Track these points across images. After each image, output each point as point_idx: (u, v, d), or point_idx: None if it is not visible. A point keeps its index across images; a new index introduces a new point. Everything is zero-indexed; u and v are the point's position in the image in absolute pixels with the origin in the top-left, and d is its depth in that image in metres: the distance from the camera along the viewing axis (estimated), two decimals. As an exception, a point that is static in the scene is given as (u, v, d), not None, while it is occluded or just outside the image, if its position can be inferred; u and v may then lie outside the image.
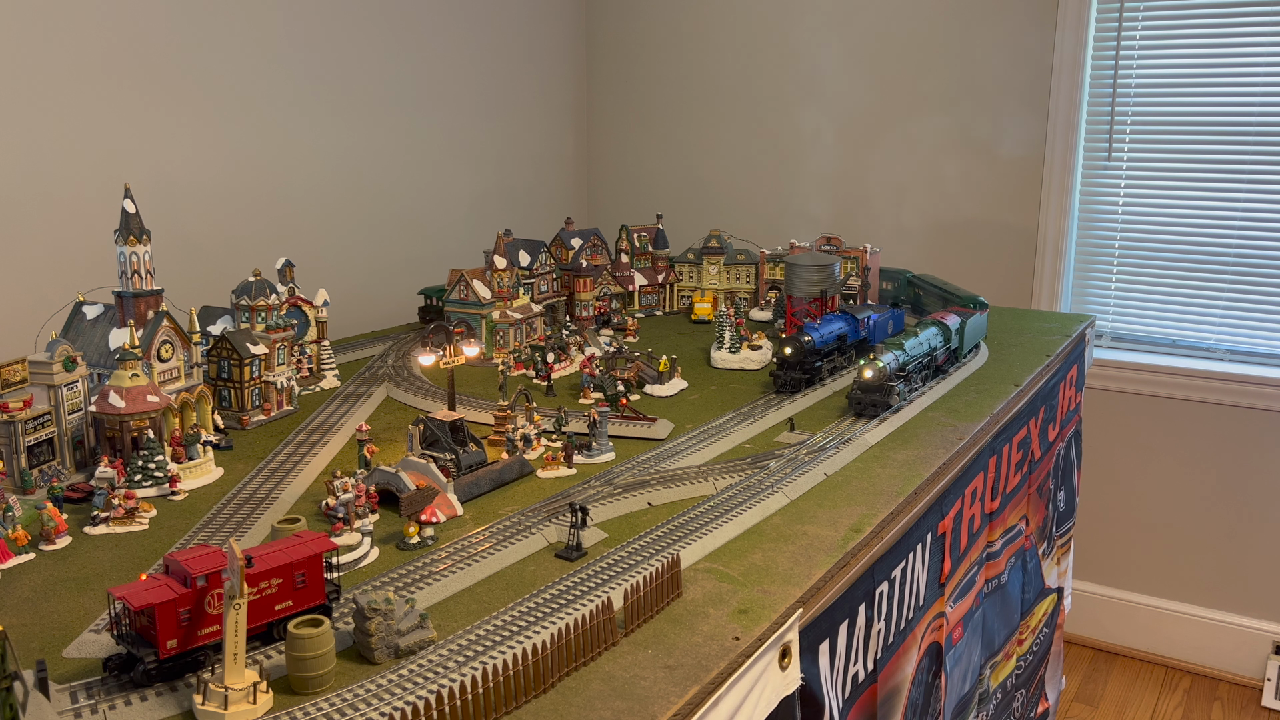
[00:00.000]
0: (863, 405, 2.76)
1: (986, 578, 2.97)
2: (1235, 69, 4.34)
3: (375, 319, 4.25)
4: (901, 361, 2.82)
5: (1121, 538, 4.86)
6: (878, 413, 2.74)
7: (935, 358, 3.05)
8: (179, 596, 1.46)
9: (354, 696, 1.46)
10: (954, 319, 3.19)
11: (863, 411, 2.76)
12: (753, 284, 4.21)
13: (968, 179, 4.87)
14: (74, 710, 1.41)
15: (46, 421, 2.26)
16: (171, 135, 3.64)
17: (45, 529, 1.98)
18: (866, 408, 2.75)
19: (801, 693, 1.81)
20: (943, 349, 3.10)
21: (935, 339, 3.04)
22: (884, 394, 2.73)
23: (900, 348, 2.83)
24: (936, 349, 3.05)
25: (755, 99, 5.32)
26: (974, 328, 3.35)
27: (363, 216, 4.45)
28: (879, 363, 2.74)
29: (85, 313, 2.62)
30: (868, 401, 2.75)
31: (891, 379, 2.76)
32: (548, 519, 2.07)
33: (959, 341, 3.21)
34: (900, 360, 2.82)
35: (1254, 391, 4.44)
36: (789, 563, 1.91)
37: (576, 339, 3.45)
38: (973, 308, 3.45)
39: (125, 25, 3.46)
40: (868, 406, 2.75)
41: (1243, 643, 4.66)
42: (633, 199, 5.77)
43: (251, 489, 2.26)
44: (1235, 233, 4.46)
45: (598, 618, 1.58)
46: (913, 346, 2.89)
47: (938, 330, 3.08)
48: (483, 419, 2.72)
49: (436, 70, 4.72)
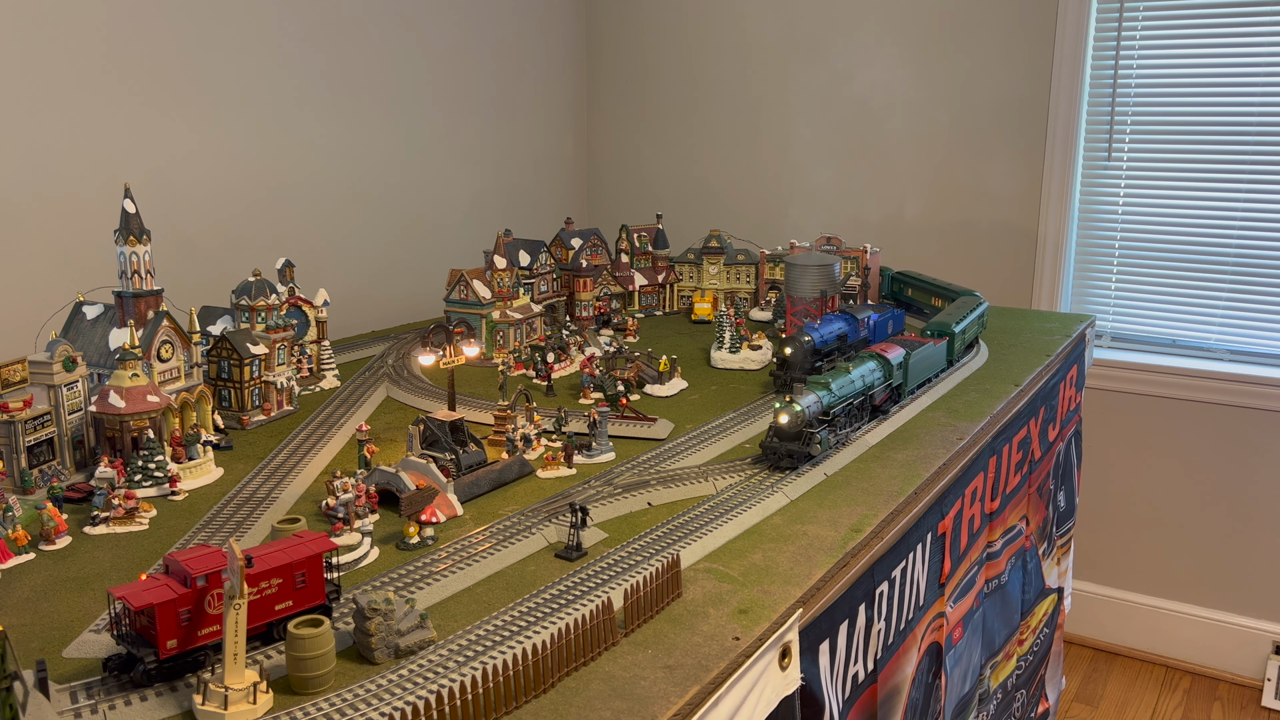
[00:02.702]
0: (777, 456, 2.35)
1: (987, 578, 2.97)
2: (1235, 69, 4.34)
3: (375, 319, 4.25)
4: (826, 403, 2.43)
5: (1121, 538, 4.86)
6: (795, 465, 2.34)
7: (872, 397, 2.67)
8: (179, 596, 1.46)
9: (354, 696, 1.46)
10: (897, 352, 2.81)
11: (777, 464, 2.35)
12: (753, 284, 4.21)
13: (968, 179, 4.87)
14: (74, 710, 1.41)
15: (46, 421, 2.26)
16: (171, 135, 3.64)
17: (45, 529, 1.98)
18: (781, 458, 2.34)
19: (801, 693, 1.81)
20: (881, 386, 2.71)
21: (872, 375, 2.66)
22: (803, 443, 2.33)
23: (825, 387, 2.45)
24: (874, 386, 2.66)
25: (755, 99, 5.32)
26: (924, 359, 2.96)
27: (363, 216, 4.45)
28: (796, 406, 2.33)
29: (85, 313, 2.62)
30: (783, 451, 2.34)
31: (812, 425, 2.36)
32: (548, 519, 2.07)
33: (903, 377, 2.82)
34: (825, 402, 2.43)
35: (1254, 391, 4.44)
36: (789, 563, 1.91)
37: (576, 339, 3.45)
38: (971, 312, 3.40)
39: (125, 25, 3.46)
40: (783, 457, 2.34)
41: (1243, 643, 4.66)
42: (633, 199, 5.77)
43: (251, 489, 2.26)
44: (1235, 233, 4.46)
45: (598, 618, 1.58)
46: (841, 386, 2.51)
47: (876, 365, 2.70)
48: (483, 419, 2.72)
49: (436, 70, 4.72)
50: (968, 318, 3.33)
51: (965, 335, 3.32)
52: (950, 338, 3.15)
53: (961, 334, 3.25)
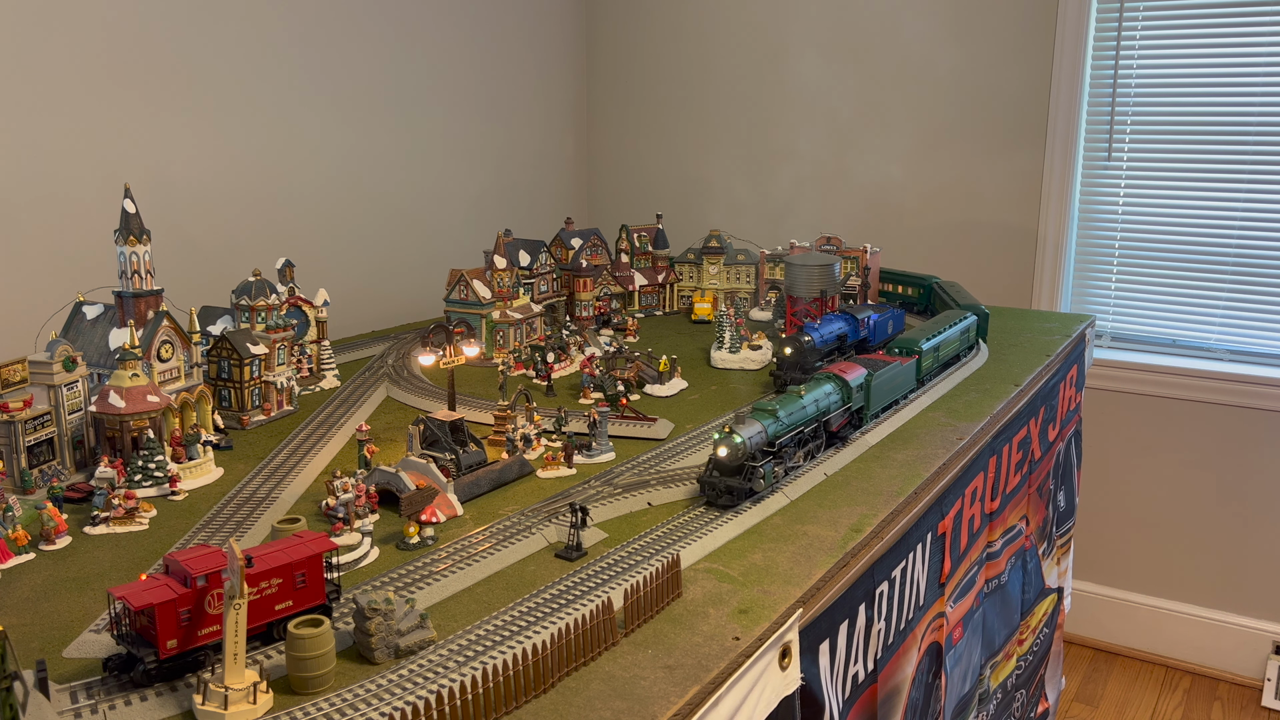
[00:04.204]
0: (715, 491, 2.12)
1: (986, 578, 2.97)
2: (1235, 69, 4.34)
3: (375, 319, 4.26)
4: (772, 433, 2.20)
5: (1121, 538, 4.86)
6: (734, 502, 2.11)
7: (828, 423, 2.44)
8: (179, 596, 1.46)
9: (354, 696, 1.46)
10: (858, 373, 2.56)
11: (714, 500, 2.13)
12: (753, 284, 4.21)
13: (968, 179, 4.87)
14: (74, 710, 1.41)
15: (46, 421, 2.26)
16: (171, 135, 3.64)
17: (45, 529, 1.98)
18: (720, 495, 2.12)
19: (801, 693, 1.81)
20: (839, 411, 2.47)
21: (828, 399, 2.43)
22: (744, 478, 2.10)
23: (772, 415, 2.23)
24: (830, 411, 2.43)
25: (755, 99, 5.32)
26: (889, 380, 2.71)
27: (363, 216, 4.45)
28: (735, 437, 2.11)
29: (85, 313, 2.62)
30: (722, 487, 2.11)
31: (755, 457, 2.14)
32: (548, 519, 2.07)
33: (865, 399, 2.59)
34: (770, 431, 2.20)
35: (1254, 391, 4.44)
36: (789, 563, 1.91)
37: (576, 339, 3.45)
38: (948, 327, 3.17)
39: (125, 25, 3.46)
40: (721, 494, 2.11)
41: (1243, 643, 4.66)
42: (633, 199, 5.77)
43: (251, 489, 2.26)
44: (1235, 233, 4.46)
45: (598, 618, 1.58)
46: (791, 413, 2.29)
47: (833, 388, 2.47)
48: (483, 419, 2.72)
49: (437, 70, 4.72)
50: (942, 333, 3.11)
51: (939, 353, 3.10)
52: (918, 356, 2.92)
53: (933, 351, 3.03)
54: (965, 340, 3.31)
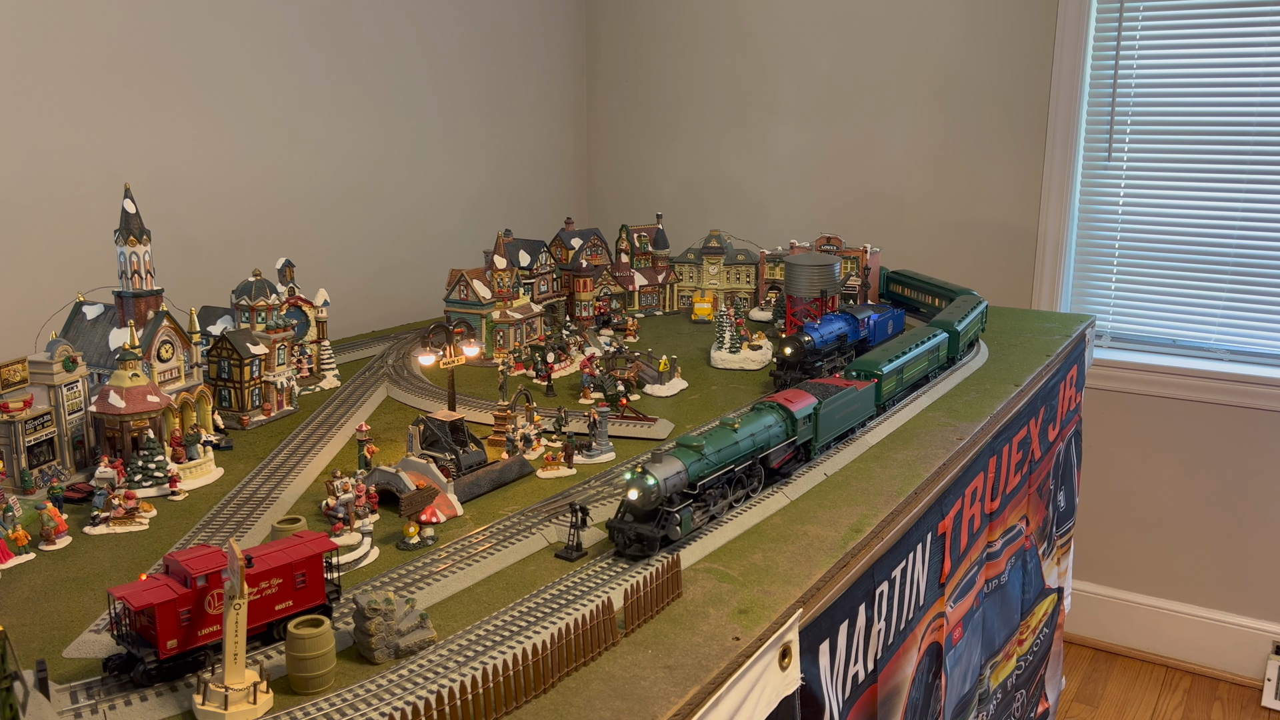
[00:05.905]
0: (625, 539, 1.89)
1: (986, 578, 2.97)
2: (1235, 69, 4.34)
3: (375, 319, 4.26)
4: (694, 474, 1.94)
5: (1121, 538, 4.86)
6: (645, 553, 1.88)
7: (767, 459, 2.18)
8: (179, 596, 1.46)
9: (354, 696, 1.46)
10: (805, 403, 2.29)
11: (624, 549, 1.89)
12: (753, 284, 4.21)
13: (968, 179, 4.87)
14: (74, 710, 1.41)
15: (46, 421, 2.26)
16: (171, 135, 3.64)
17: (45, 529, 1.98)
18: (629, 543, 1.88)
19: (801, 693, 1.81)
20: (781, 445, 2.21)
21: (767, 433, 2.15)
22: (658, 524, 1.87)
23: (697, 452, 1.96)
24: (769, 446, 2.16)
25: (755, 99, 5.32)
26: (841, 408, 2.43)
27: (363, 216, 4.45)
28: (649, 479, 1.86)
29: (85, 313, 2.62)
30: (632, 534, 1.87)
31: (671, 501, 1.90)
32: (548, 519, 2.07)
33: (813, 431, 2.32)
34: (693, 471, 1.94)
35: (1254, 391, 4.44)
36: (789, 563, 1.91)
37: (576, 339, 3.45)
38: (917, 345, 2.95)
39: (126, 25, 3.46)
40: (631, 542, 1.88)
41: (1243, 643, 4.66)
42: (633, 199, 5.77)
43: (251, 489, 2.26)
44: (1235, 233, 4.46)
45: (598, 618, 1.58)
46: (720, 450, 2.02)
47: (775, 420, 2.19)
48: (483, 419, 2.72)
49: (437, 70, 4.72)
50: (907, 354, 2.84)
51: (903, 375, 2.82)
52: (878, 380, 2.66)
53: (895, 374, 2.76)
54: (935, 360, 3.06)
